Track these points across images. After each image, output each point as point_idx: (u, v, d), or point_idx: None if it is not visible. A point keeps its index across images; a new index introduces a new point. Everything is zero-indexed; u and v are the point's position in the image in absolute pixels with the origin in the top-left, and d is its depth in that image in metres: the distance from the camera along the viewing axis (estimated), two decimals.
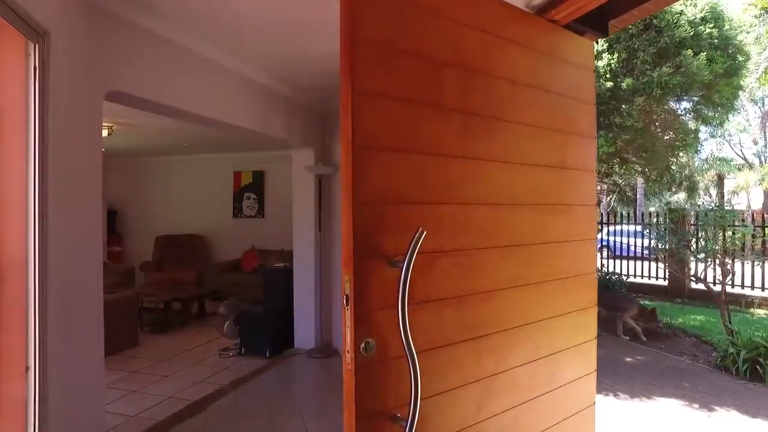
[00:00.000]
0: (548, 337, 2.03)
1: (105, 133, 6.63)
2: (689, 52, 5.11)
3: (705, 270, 5.64)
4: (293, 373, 4.79)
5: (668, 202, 10.91)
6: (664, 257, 6.85)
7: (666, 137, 7.10)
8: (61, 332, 2.28)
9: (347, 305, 1.40)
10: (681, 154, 8.45)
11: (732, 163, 19.86)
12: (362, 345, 1.40)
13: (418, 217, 1.55)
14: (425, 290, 1.55)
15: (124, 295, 5.70)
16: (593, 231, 2.29)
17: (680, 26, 5.17)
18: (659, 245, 7.00)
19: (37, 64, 2.03)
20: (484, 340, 1.75)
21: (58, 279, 2.22)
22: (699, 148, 10.96)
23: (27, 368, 2.03)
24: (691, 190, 10.81)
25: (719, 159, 18.41)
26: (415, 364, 1.41)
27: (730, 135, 19.96)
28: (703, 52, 5.14)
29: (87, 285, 2.56)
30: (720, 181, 20.61)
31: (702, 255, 5.35)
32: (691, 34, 5.16)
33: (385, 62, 1.49)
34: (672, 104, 6.80)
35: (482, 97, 1.76)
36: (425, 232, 1.42)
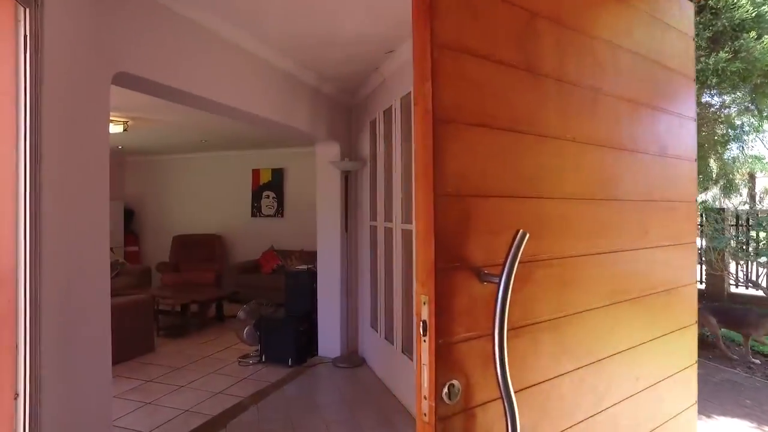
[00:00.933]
0: (648, 364, 1.64)
1: (120, 129, 6.36)
2: (751, 34, 4.65)
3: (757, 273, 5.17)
4: (318, 385, 4.44)
5: (704, 201, 10.36)
6: (710, 260, 6.37)
7: (705, 132, 6.61)
8: (58, 349, 1.95)
9: (425, 335, 1.03)
10: (721, 149, 7.93)
11: (765, 161, 19.09)
12: (445, 389, 1.03)
13: (510, 215, 1.17)
14: (520, 312, 1.18)
15: (138, 297, 5.41)
16: (694, 232, 1.89)
17: (740, 6, 4.71)
18: (704, 246, 6.51)
19: (28, 33, 1.70)
20: (582, 373, 1.36)
21: (55, 289, 1.89)
22: (742, 145, 10.41)
23: (16, 395, 1.70)
24: (728, 188, 10.24)
25: (753, 157, 17.65)
26: (513, 410, 1.04)
27: (763, 131, 19.16)
28: (767, 35, 4.68)
29: (91, 293, 2.22)
30: (752, 179, 19.86)
31: (764, 258, 4.89)
32: (753, 14, 4.69)
33: (469, 5, 1.11)
34: (708, 97, 6.31)
35: (580, 62, 1.38)
36: (528, 235, 1.05)
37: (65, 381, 2.00)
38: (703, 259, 6.31)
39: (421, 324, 1.04)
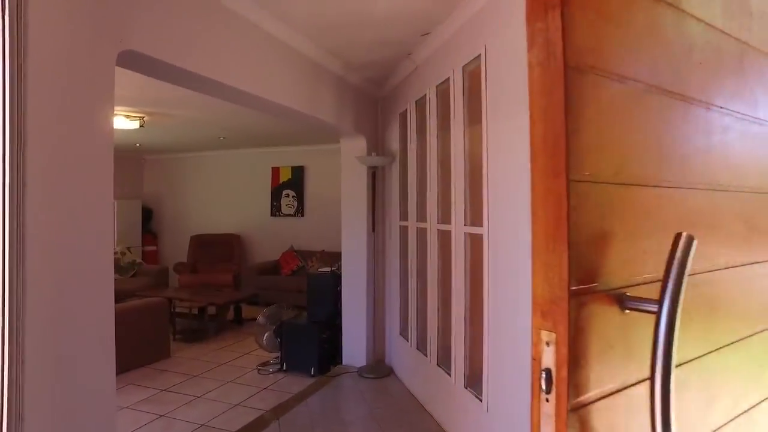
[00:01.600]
0: None
1: (136, 124, 6.12)
2: None
3: None
4: (344, 398, 4.11)
5: None
6: None
7: None
8: (48, 365, 1.64)
9: (548, 392, 0.69)
10: None
11: None
12: None
13: (655, 212, 0.82)
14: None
15: (154, 300, 5.15)
16: None
17: None
18: None
19: None
20: (734, 427, 1.00)
21: (42, 300, 1.58)
22: None
23: None
24: None
25: None
26: None
27: None
28: None
29: (90, 302, 1.91)
30: None
31: None
32: None
33: None
34: None
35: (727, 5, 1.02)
36: (695, 240, 0.70)
37: (58, 402, 1.70)
38: None
39: (543, 375, 0.69)
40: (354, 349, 4.73)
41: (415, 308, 3.90)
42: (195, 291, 6.73)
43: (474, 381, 2.92)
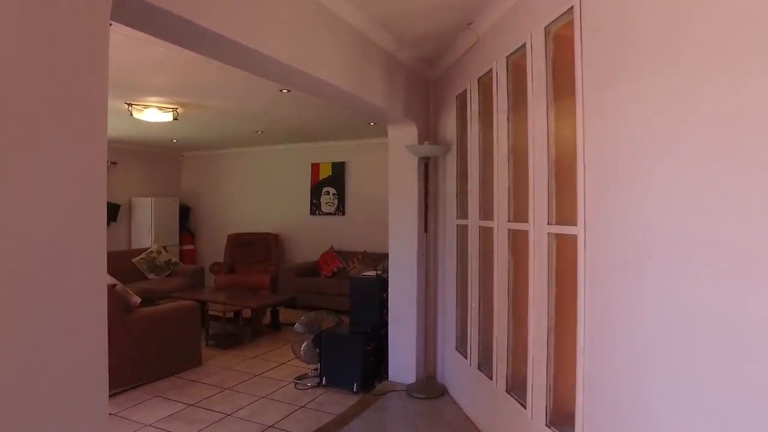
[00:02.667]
0: None
1: (170, 116, 5.78)
2: None
3: None
4: (392, 422, 3.57)
5: None
6: None
7: None
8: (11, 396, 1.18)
9: None
10: None
11: None
12: None
13: None
14: None
15: (185, 303, 4.76)
16: None
17: None
18: None
19: None
20: None
21: (10, 321, 1.12)
22: None
23: None
24: None
25: None
26: None
27: None
28: None
29: (74, 321, 1.46)
30: None
31: None
32: None
33: None
34: None
35: None
36: None
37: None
38: None
39: None
40: (401, 363, 4.20)
41: (477, 321, 3.33)
42: (231, 293, 6.35)
43: (559, 418, 2.33)
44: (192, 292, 6.32)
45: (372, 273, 4.49)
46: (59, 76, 1.35)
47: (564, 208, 2.31)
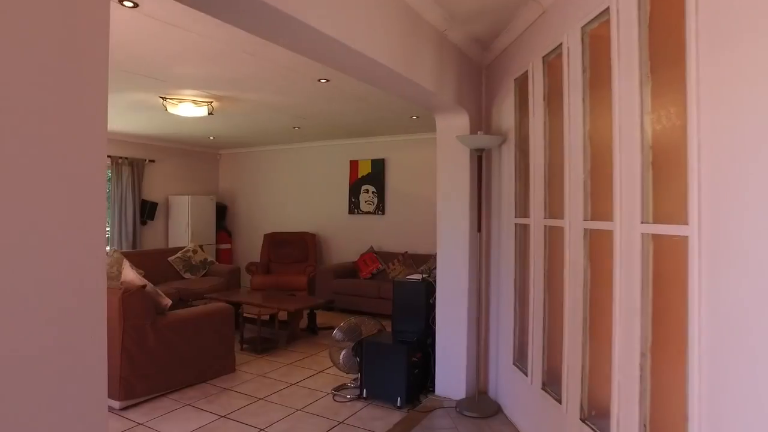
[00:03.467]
0: None
1: (205, 111, 5.56)
2: None
3: None
4: None
5: None
6: None
7: None
8: None
9: None
10: None
11: None
12: None
13: None
14: None
15: (219, 306, 4.51)
16: None
17: None
18: None
19: None
20: None
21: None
22: None
23: None
24: None
25: None
26: None
27: None
28: None
29: (71, 321, 1.15)
30: None
31: None
32: None
33: None
34: None
35: None
36: None
37: None
38: None
39: None
40: (450, 376, 3.81)
41: (541, 333, 2.91)
42: (266, 295, 6.10)
43: None
44: (227, 293, 6.10)
45: (417, 276, 4.12)
46: (51, 58, 1.05)
47: (665, 203, 1.88)
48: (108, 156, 7.91)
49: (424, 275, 4.11)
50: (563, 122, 2.59)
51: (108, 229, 8.04)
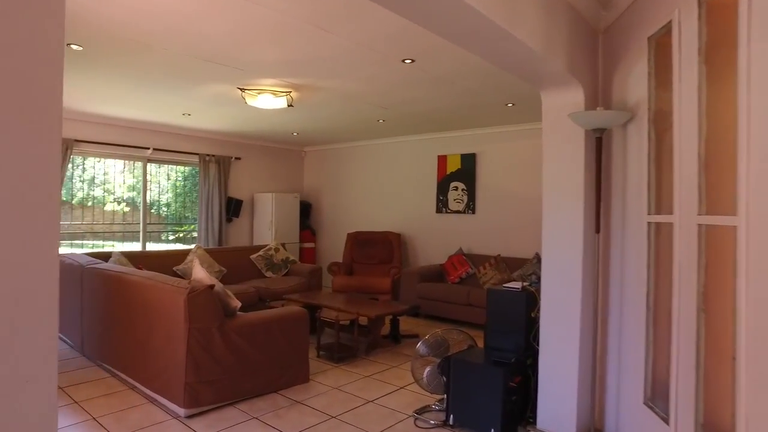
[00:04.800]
0: None
1: (284, 102, 5.27)
2: None
3: None
4: None
5: None
6: None
7: None
8: None
9: None
10: None
11: None
12: None
13: None
14: None
15: (294, 310, 4.14)
16: None
17: None
18: None
19: None
20: None
21: None
22: None
23: None
24: None
25: None
26: None
27: None
28: None
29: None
30: None
31: None
32: None
33: None
34: None
35: None
36: None
37: None
38: None
39: None
40: (556, 406, 3.13)
41: (693, 369, 2.17)
42: (347, 298, 5.71)
43: None
44: (306, 295, 5.78)
45: (516, 285, 3.47)
46: None
47: None
48: (195, 153, 8.01)
49: (525, 284, 3.46)
50: (737, 83, 1.86)
51: (195, 226, 8.10)
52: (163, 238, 8.02)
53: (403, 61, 4.13)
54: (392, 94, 5.29)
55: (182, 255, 6.37)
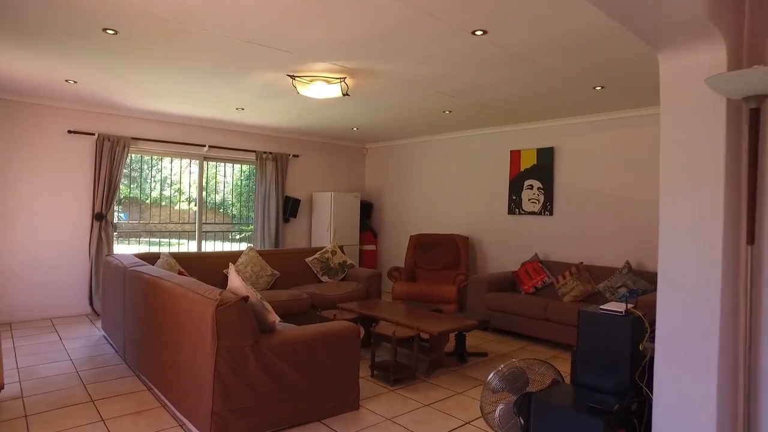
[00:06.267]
0: None
1: (337, 91, 4.75)
2: None
3: None
4: None
5: None
6: None
7: None
8: None
9: None
10: None
11: None
12: None
13: None
14: None
15: (343, 326, 3.57)
16: None
17: None
18: None
19: None
20: None
21: None
22: None
23: None
24: None
25: None
26: None
27: None
28: None
29: None
30: None
31: None
32: None
33: None
34: None
35: None
36: None
37: None
38: None
39: None
40: None
41: None
42: (407, 309, 5.09)
43: None
44: (362, 304, 5.23)
45: (617, 307, 2.71)
46: None
47: None
48: (252, 151, 7.70)
49: (629, 305, 2.69)
50: None
51: (252, 226, 7.80)
52: (230, 237, 7.81)
53: (473, 33, 3.47)
54: (460, 79, 4.63)
55: (235, 257, 6.02)
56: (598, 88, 4.78)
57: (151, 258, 5.30)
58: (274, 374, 3.08)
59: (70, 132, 5.98)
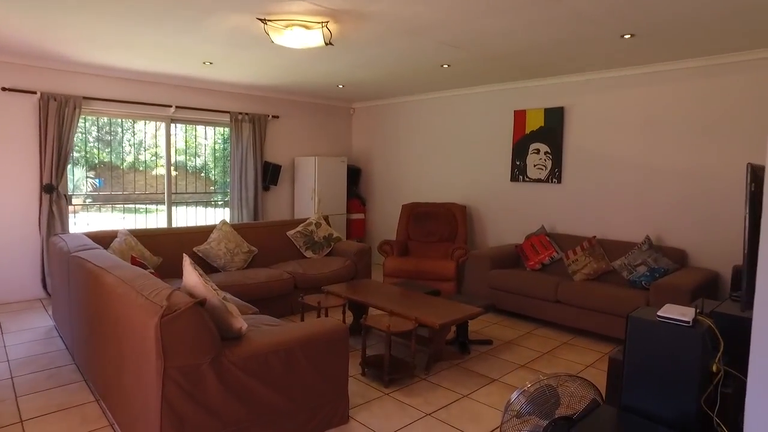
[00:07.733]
0: None
1: (320, 39, 3.98)
2: None
3: None
4: None
5: None
6: None
7: None
8: None
9: None
10: None
11: None
12: None
13: None
14: None
15: (327, 329, 2.94)
16: None
17: None
18: None
19: None
20: None
21: None
22: None
23: None
24: None
25: None
26: None
27: None
28: None
29: None
30: None
31: None
32: None
33: None
34: None
35: None
36: None
37: None
38: None
39: None
40: None
41: None
42: (402, 292, 4.48)
43: None
44: (351, 286, 4.61)
45: (684, 313, 2.10)
46: None
47: None
48: (226, 111, 6.89)
49: (699, 311, 2.09)
50: None
51: (228, 197, 7.08)
52: (212, 203, 7.11)
53: None
54: (463, 26, 3.87)
55: (206, 232, 5.34)
56: (627, 36, 4.05)
57: (107, 238, 4.59)
58: (243, 394, 2.47)
59: (4, 89, 5.13)
